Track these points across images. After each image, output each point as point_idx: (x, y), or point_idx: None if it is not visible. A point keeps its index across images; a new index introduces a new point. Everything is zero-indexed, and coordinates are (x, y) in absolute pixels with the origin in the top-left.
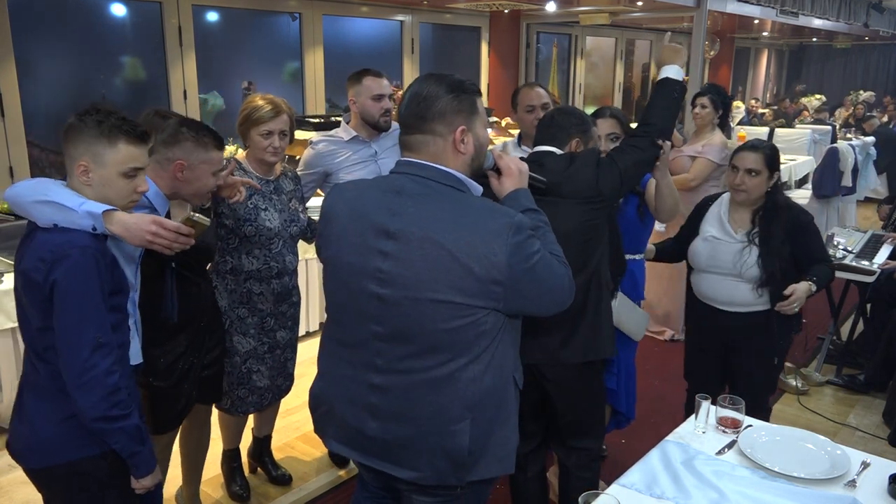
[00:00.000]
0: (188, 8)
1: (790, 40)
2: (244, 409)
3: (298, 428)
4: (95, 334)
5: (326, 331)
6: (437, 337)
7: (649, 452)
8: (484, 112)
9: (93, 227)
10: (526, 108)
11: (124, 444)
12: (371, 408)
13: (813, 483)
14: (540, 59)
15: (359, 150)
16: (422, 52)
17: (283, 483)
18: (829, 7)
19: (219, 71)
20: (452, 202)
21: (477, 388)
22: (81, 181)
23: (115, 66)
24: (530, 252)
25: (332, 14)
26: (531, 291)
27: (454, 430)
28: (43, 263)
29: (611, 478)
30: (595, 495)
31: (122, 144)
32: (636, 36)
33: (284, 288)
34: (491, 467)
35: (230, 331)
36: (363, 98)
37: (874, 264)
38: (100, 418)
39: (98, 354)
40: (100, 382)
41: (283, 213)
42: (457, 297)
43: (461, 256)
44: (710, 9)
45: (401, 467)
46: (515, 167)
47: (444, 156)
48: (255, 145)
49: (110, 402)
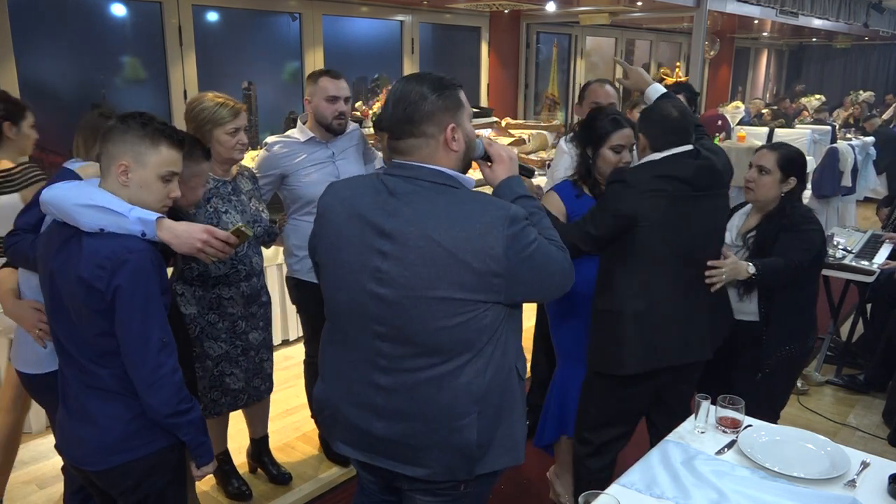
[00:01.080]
0: (188, 8)
1: (790, 40)
2: (218, 410)
3: (298, 428)
4: (160, 335)
5: (326, 334)
6: (439, 335)
7: (649, 452)
8: (467, 103)
9: (142, 232)
10: (592, 104)
11: (193, 436)
12: (377, 408)
13: (813, 483)
14: (540, 59)
15: (314, 151)
16: (422, 52)
17: (284, 482)
18: (828, 7)
19: (219, 71)
20: (445, 199)
21: (481, 383)
22: (120, 181)
23: (115, 66)
24: (527, 242)
25: (332, 14)
26: (531, 280)
27: (462, 426)
28: (103, 271)
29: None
30: (595, 495)
31: (165, 147)
32: (636, 36)
33: (253, 290)
34: (500, 458)
35: (200, 337)
36: (317, 99)
37: (874, 264)
38: (172, 414)
39: (164, 354)
40: (169, 380)
41: (244, 214)
42: (457, 293)
43: (458, 252)
44: (710, 9)
45: (411, 465)
46: (506, 154)
47: (436, 156)
48: (222, 145)
49: (179, 397)
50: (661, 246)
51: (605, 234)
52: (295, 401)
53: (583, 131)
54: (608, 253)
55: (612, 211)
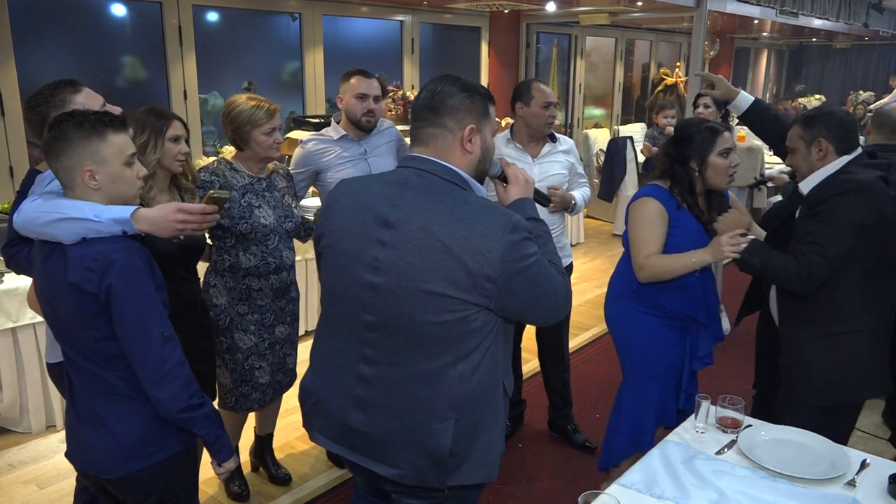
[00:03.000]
0: (188, 8)
1: (790, 40)
2: (248, 406)
3: (298, 428)
4: (160, 329)
5: (319, 323)
6: (426, 329)
7: (649, 452)
8: (495, 120)
9: (122, 231)
10: (543, 104)
11: (209, 430)
12: (357, 399)
13: (813, 483)
14: (540, 59)
15: (348, 148)
16: (422, 52)
17: (283, 483)
18: (828, 7)
19: (219, 71)
20: (453, 198)
21: (464, 388)
22: (90, 187)
23: (115, 66)
24: (526, 253)
25: (332, 14)
26: (525, 293)
27: (437, 429)
28: (92, 273)
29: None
30: (595, 495)
31: (112, 135)
32: (636, 36)
33: (283, 283)
34: (473, 473)
35: (230, 328)
36: (348, 96)
37: None
38: (184, 408)
39: (167, 347)
40: (177, 373)
41: (277, 209)
42: (448, 289)
43: (455, 249)
44: (710, 9)
45: (381, 464)
46: (522, 177)
47: (451, 151)
48: (260, 144)
49: (190, 390)
50: (891, 249)
51: (843, 252)
52: (295, 401)
53: (681, 147)
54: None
55: (854, 222)
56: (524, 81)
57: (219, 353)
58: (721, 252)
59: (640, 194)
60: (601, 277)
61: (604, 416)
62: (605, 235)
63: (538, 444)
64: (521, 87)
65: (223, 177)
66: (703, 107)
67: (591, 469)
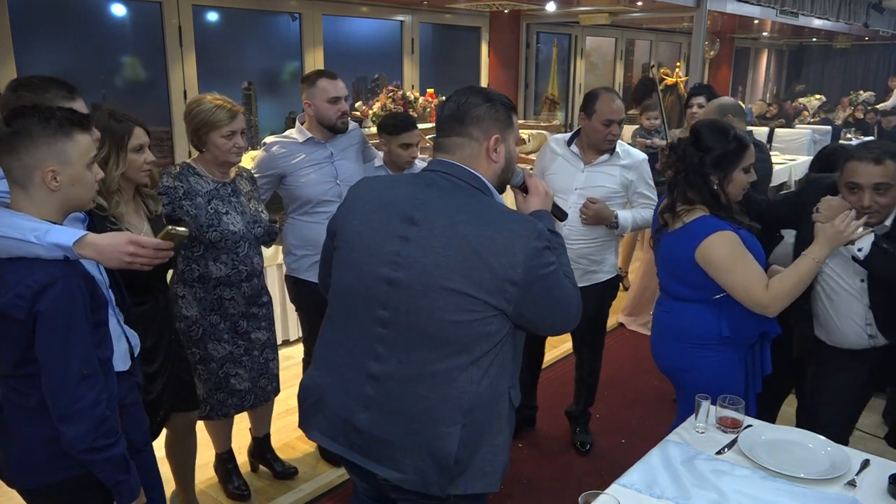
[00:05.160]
0: (188, 8)
1: (790, 40)
2: (224, 412)
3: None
4: (80, 366)
5: (326, 319)
6: (442, 328)
7: (649, 452)
8: (517, 129)
9: (64, 256)
10: (604, 121)
11: (109, 474)
12: (365, 398)
13: (813, 483)
14: (540, 59)
15: (313, 151)
16: (422, 52)
17: (289, 477)
18: (828, 7)
19: (219, 71)
20: (478, 201)
21: (473, 392)
22: (51, 188)
23: (115, 66)
24: (547, 261)
25: (332, 14)
26: (543, 300)
27: (444, 433)
28: (22, 300)
29: (611, 478)
30: (595, 495)
31: (79, 135)
32: (636, 36)
33: (254, 290)
34: (475, 482)
35: (203, 339)
36: (318, 101)
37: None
38: (87, 450)
39: (84, 386)
40: (87, 414)
41: (244, 214)
42: (471, 289)
43: (482, 250)
44: (710, 9)
45: (383, 466)
46: (543, 189)
47: (476, 160)
48: (218, 148)
49: (97, 432)
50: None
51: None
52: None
53: (702, 156)
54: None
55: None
56: (593, 91)
57: (191, 364)
58: (841, 238)
59: (703, 233)
60: None
61: (604, 416)
62: None
63: (538, 444)
64: (588, 97)
65: (186, 182)
66: (698, 106)
67: (591, 469)
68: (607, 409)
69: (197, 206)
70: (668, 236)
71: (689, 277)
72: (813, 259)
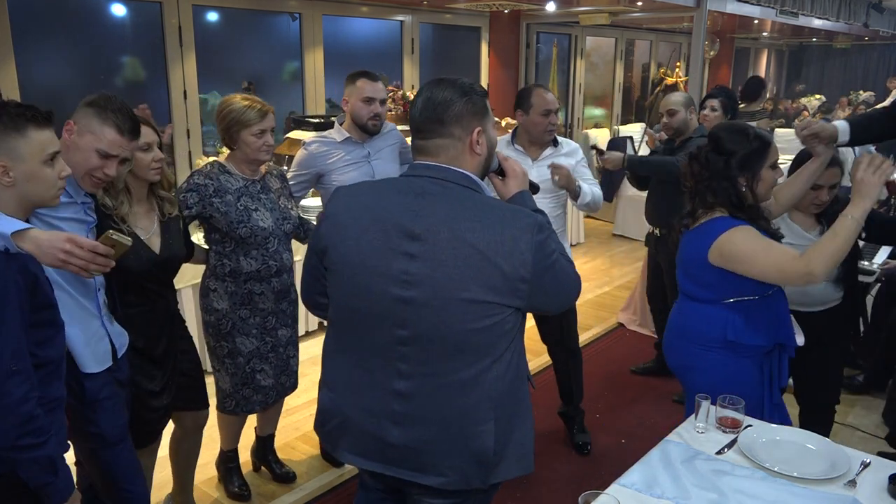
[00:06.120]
0: (188, 8)
1: (790, 40)
2: (249, 408)
3: (298, 428)
4: (9, 363)
5: (333, 342)
6: (466, 337)
7: (649, 452)
8: (492, 113)
9: (4, 247)
10: (542, 111)
11: (34, 475)
12: (394, 415)
13: (813, 483)
14: (540, 59)
15: (351, 151)
16: (422, 52)
17: (288, 481)
18: (828, 7)
19: (219, 71)
20: (473, 202)
21: (500, 388)
22: (3, 183)
23: (115, 66)
24: (550, 250)
25: (332, 14)
26: (551, 288)
27: (480, 431)
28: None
29: (611, 478)
30: (595, 495)
31: (33, 131)
32: (636, 36)
33: (284, 286)
34: (511, 468)
35: (232, 332)
36: (354, 99)
37: (874, 264)
38: (9, 448)
39: (11, 382)
40: (12, 411)
41: (274, 211)
42: (487, 295)
43: (490, 255)
44: (710, 9)
45: (424, 474)
46: (519, 169)
47: (461, 158)
48: (248, 146)
49: (21, 430)
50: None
51: None
52: (295, 401)
53: (726, 159)
54: None
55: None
56: (525, 88)
57: (219, 358)
58: (873, 185)
59: (717, 231)
60: (601, 277)
61: (604, 415)
62: (605, 235)
63: (538, 444)
64: (522, 94)
65: (216, 180)
66: (710, 109)
67: (591, 469)
68: (607, 409)
69: (227, 203)
70: (685, 235)
71: (701, 276)
72: (854, 217)
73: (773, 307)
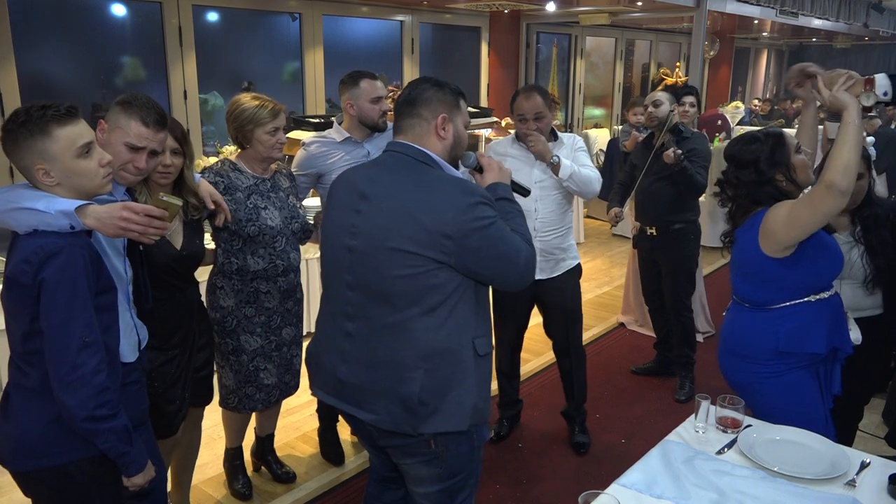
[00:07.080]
0: (188, 8)
1: (790, 40)
2: (252, 406)
3: (299, 428)
4: (82, 333)
5: (322, 292)
6: (392, 283)
7: (649, 452)
8: (467, 113)
9: (70, 225)
10: (518, 117)
11: (112, 444)
12: (343, 354)
13: (813, 483)
14: (540, 59)
15: (351, 150)
16: (422, 52)
17: (288, 481)
18: (828, 7)
19: (219, 71)
20: (420, 172)
21: (430, 340)
22: (47, 184)
23: (115, 66)
24: (482, 215)
25: (332, 14)
26: (483, 251)
27: (407, 377)
28: (29, 265)
29: (611, 478)
30: (595, 495)
31: (56, 130)
32: (636, 36)
33: (290, 285)
34: (444, 422)
35: (237, 330)
36: (361, 101)
37: None
38: (88, 418)
39: (85, 353)
40: (87, 382)
41: (282, 210)
42: (409, 245)
43: (416, 212)
44: (709, 9)
45: (362, 410)
46: (496, 165)
47: (426, 137)
48: (262, 144)
49: (98, 401)
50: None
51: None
52: (295, 401)
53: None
54: None
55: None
56: (516, 91)
57: (223, 355)
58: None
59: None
60: (601, 277)
61: (604, 415)
62: (605, 235)
63: (538, 444)
64: (512, 98)
65: (227, 177)
66: (690, 105)
67: (591, 469)
68: (607, 409)
69: (236, 201)
70: (737, 233)
71: (759, 273)
72: (851, 120)
73: (828, 310)
